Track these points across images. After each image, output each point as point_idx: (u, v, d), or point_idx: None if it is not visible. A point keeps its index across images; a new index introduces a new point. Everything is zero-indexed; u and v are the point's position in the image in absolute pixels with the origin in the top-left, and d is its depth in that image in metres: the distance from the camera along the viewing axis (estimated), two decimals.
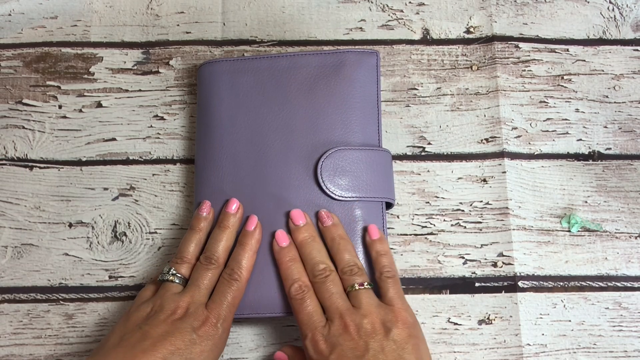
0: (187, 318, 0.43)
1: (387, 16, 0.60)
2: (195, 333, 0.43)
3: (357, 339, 0.42)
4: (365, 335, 0.42)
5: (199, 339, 0.43)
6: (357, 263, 0.46)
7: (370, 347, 0.41)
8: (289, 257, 0.47)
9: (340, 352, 0.41)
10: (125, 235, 0.54)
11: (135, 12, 0.60)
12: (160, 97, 0.58)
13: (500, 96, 0.57)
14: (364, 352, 0.41)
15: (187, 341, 0.42)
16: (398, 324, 0.43)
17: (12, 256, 0.53)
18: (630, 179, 0.55)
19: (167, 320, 0.43)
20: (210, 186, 0.50)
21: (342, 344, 0.41)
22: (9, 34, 0.60)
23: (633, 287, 0.52)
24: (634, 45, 0.59)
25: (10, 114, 0.57)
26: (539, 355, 0.51)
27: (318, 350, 0.42)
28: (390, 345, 0.41)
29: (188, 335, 0.42)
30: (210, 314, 0.44)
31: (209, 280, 0.46)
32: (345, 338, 0.42)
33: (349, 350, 0.41)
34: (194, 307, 0.44)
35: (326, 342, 0.42)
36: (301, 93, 0.51)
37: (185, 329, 0.43)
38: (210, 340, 0.43)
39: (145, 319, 0.44)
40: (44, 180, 0.55)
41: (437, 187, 0.55)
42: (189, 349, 0.42)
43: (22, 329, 0.52)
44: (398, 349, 0.41)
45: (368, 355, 0.41)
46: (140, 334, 0.42)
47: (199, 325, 0.43)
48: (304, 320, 0.44)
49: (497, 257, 0.53)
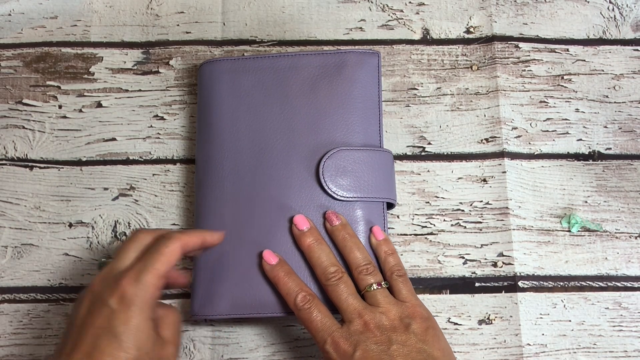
0: (102, 289, 0.39)
1: (387, 16, 0.60)
2: (110, 300, 0.38)
3: (379, 335, 0.42)
4: (386, 331, 0.42)
5: (117, 306, 0.38)
6: (370, 261, 0.47)
7: (394, 341, 0.42)
8: (282, 272, 0.46)
9: (365, 348, 0.41)
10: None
11: (135, 12, 0.60)
12: (160, 97, 0.58)
13: (500, 96, 0.57)
14: (388, 345, 0.42)
15: (106, 313, 0.38)
16: (416, 318, 0.44)
17: (12, 256, 0.54)
18: (630, 179, 0.55)
19: (86, 297, 0.40)
20: (211, 186, 0.50)
21: (365, 340, 0.42)
22: (9, 34, 0.60)
23: (633, 287, 0.52)
24: (634, 45, 0.59)
25: (10, 114, 0.57)
26: (539, 355, 0.51)
27: (341, 351, 0.42)
28: (411, 338, 0.42)
29: (104, 306, 0.38)
30: (129, 272, 0.39)
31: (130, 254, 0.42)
32: (367, 335, 0.42)
33: (374, 345, 0.42)
34: (110, 275, 0.40)
35: (348, 342, 0.42)
36: (302, 93, 0.51)
37: (98, 303, 0.38)
38: (132, 303, 0.38)
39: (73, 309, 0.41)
40: (44, 180, 0.55)
41: (437, 187, 0.55)
42: (111, 321, 0.37)
43: (22, 329, 0.52)
44: (419, 342, 0.42)
45: (393, 347, 0.41)
46: (69, 328, 0.39)
47: (112, 290, 0.38)
48: (318, 327, 0.44)
49: (497, 257, 0.53)
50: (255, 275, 0.48)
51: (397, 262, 0.47)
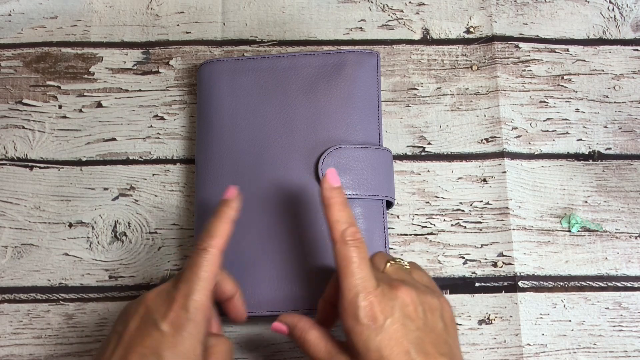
0: (155, 305, 0.38)
1: (387, 16, 0.60)
2: (161, 323, 0.37)
3: (414, 312, 0.38)
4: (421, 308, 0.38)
5: (168, 329, 0.37)
6: None
7: (428, 323, 0.38)
8: (341, 199, 0.41)
9: (398, 322, 0.37)
10: (126, 235, 0.54)
11: (135, 12, 0.60)
12: (160, 97, 0.58)
13: (500, 96, 0.57)
14: (422, 327, 0.37)
15: (156, 336, 0.37)
16: (445, 306, 0.40)
17: (12, 256, 0.54)
18: (630, 179, 0.55)
19: (137, 313, 0.38)
20: (211, 186, 0.50)
21: (401, 311, 0.37)
22: (9, 34, 0.60)
23: (633, 287, 0.52)
24: (634, 45, 0.59)
25: (10, 114, 0.57)
26: (539, 355, 0.51)
27: (371, 314, 0.37)
28: (439, 325, 0.39)
29: (154, 328, 0.37)
30: (177, 294, 0.38)
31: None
32: (403, 304, 0.38)
33: (408, 322, 0.37)
34: (164, 289, 0.39)
35: (381, 306, 0.37)
36: (302, 93, 0.52)
37: (149, 322, 0.37)
38: (183, 328, 0.37)
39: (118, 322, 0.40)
40: (44, 180, 0.55)
41: (437, 187, 0.55)
42: (159, 344, 0.36)
43: (22, 329, 0.52)
44: (445, 332, 0.39)
45: (426, 331, 0.37)
46: (115, 339, 0.38)
47: (163, 313, 0.37)
48: (354, 272, 0.37)
49: (497, 257, 0.53)
50: (255, 274, 0.48)
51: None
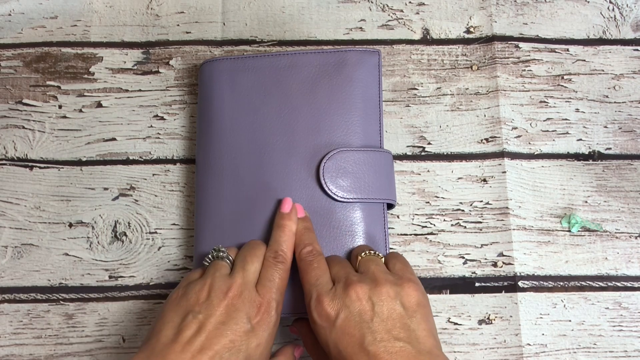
0: (242, 305, 0.40)
1: (387, 16, 0.60)
2: (250, 322, 0.40)
3: (364, 302, 0.40)
4: (372, 298, 0.40)
5: (254, 328, 0.40)
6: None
7: (378, 313, 0.39)
8: (303, 225, 0.47)
9: (348, 315, 0.39)
10: (126, 235, 0.54)
11: (135, 12, 0.60)
12: (160, 97, 0.58)
13: (500, 96, 0.57)
14: (372, 316, 0.39)
15: (243, 333, 0.39)
16: (407, 290, 0.41)
17: (12, 256, 0.54)
18: (630, 179, 0.55)
19: (220, 305, 0.40)
20: (211, 186, 0.50)
21: (350, 306, 0.40)
22: (9, 34, 0.60)
23: (633, 287, 0.52)
24: (634, 45, 0.59)
25: (10, 114, 0.57)
26: (539, 355, 0.51)
27: (324, 313, 0.40)
28: (397, 310, 0.40)
29: (243, 326, 0.39)
30: (263, 298, 0.41)
31: (255, 265, 0.44)
32: (352, 300, 0.40)
33: (356, 314, 0.39)
34: (247, 290, 0.41)
35: (332, 303, 0.40)
36: (302, 92, 0.51)
37: (240, 319, 0.40)
38: (266, 330, 0.40)
39: (199, 305, 0.40)
40: (44, 180, 0.55)
41: (437, 187, 0.55)
42: (245, 342, 0.39)
43: (22, 329, 0.52)
44: (406, 316, 0.40)
45: (375, 320, 0.39)
46: (196, 326, 0.39)
47: (254, 313, 0.40)
48: (311, 281, 0.42)
49: (497, 257, 0.53)
50: None
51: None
